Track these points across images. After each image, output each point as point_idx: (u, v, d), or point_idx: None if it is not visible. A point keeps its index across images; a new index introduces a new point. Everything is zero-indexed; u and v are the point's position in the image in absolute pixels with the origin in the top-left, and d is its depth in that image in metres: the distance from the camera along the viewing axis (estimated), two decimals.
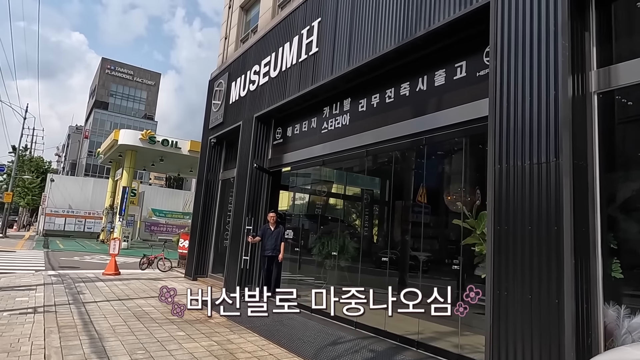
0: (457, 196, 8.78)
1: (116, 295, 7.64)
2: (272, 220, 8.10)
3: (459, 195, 8.75)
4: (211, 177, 11.06)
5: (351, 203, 11.85)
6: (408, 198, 9.11)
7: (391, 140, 5.68)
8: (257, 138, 8.77)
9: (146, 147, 23.57)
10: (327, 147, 6.94)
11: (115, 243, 10.91)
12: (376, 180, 11.52)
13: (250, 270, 8.51)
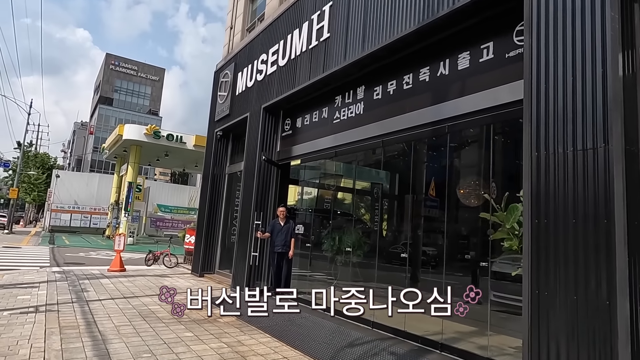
0: (470, 189, 8.44)
1: (121, 293, 7.39)
2: (282, 215, 7.79)
3: (472, 189, 8.42)
4: (217, 171, 10.77)
5: (361, 197, 11.53)
6: (420, 192, 8.80)
7: (410, 129, 5.34)
8: (265, 130, 8.45)
9: (151, 142, 23.33)
10: (340, 138, 6.60)
11: (120, 239, 10.67)
12: (386, 173, 11.19)
13: (260, 266, 8.23)
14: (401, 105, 5.55)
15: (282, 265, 7.77)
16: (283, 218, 7.81)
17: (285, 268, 7.75)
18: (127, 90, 75.61)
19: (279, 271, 7.78)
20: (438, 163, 9.28)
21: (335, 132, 6.78)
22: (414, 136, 5.37)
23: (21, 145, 29.85)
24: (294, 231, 7.78)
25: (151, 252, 12.32)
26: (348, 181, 10.74)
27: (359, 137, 6.18)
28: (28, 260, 13.08)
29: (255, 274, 8.17)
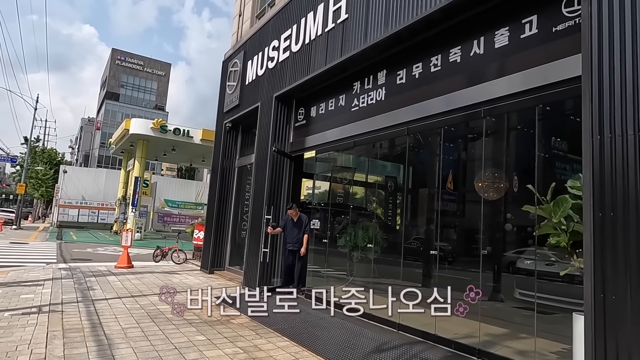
0: (489, 183, 7.99)
1: (128, 292, 7.05)
2: (294, 216, 7.39)
3: (492, 182, 7.96)
4: (227, 164, 10.38)
5: (375, 191, 11.13)
6: (435, 185, 8.38)
7: (439, 115, 4.89)
8: (277, 120, 8.03)
9: (158, 137, 23.03)
10: (359, 127, 6.17)
11: (127, 235, 10.36)
12: (401, 166, 10.76)
13: (273, 263, 7.85)
14: (429, 90, 5.10)
15: (295, 263, 7.39)
16: (295, 214, 7.41)
17: (298, 265, 7.37)
18: (133, 86, 75.47)
19: (289, 268, 7.41)
20: (455, 155, 8.86)
21: (354, 121, 6.35)
22: (444, 122, 4.92)
23: (28, 140, 29.70)
24: (307, 227, 7.39)
25: (159, 248, 12.02)
26: (361, 175, 10.34)
27: (381, 125, 5.75)
28: (35, 257, 12.85)
29: (268, 271, 7.80)
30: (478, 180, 7.99)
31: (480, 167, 7.97)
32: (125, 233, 10.41)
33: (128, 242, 10.32)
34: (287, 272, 7.42)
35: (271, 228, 7.53)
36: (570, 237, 3.75)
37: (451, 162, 8.62)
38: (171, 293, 4.43)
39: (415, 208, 9.31)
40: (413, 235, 8.99)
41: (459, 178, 8.67)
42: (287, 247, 7.41)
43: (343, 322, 5.35)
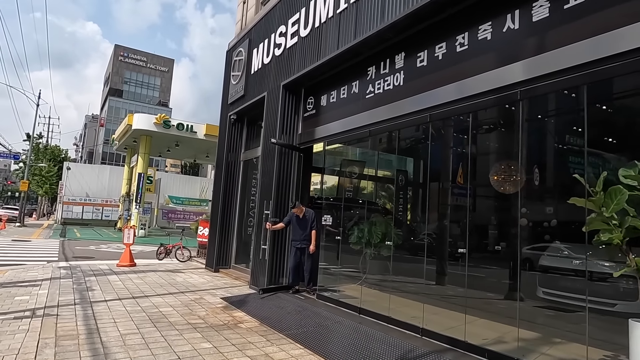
0: (506, 176, 7.57)
1: (130, 292, 6.66)
2: (299, 213, 6.95)
3: (508, 175, 7.52)
4: (232, 158, 9.96)
5: (385, 185, 10.71)
6: (447, 179, 7.99)
7: (467, 99, 4.42)
8: (285, 110, 7.58)
9: (161, 132, 22.70)
10: (375, 115, 5.71)
11: (129, 232, 9.97)
12: (411, 160, 10.30)
13: (280, 262, 7.43)
14: (454, 72, 4.63)
15: (303, 261, 6.98)
16: (301, 212, 6.98)
17: (307, 263, 6.95)
18: (136, 82, 75.16)
19: (297, 267, 7.00)
20: (467, 147, 8.40)
21: (369, 109, 5.88)
22: (473, 107, 4.44)
23: (30, 137, 29.45)
24: (314, 223, 6.96)
25: (163, 246, 11.67)
26: (372, 169, 9.90)
27: (399, 112, 5.28)
28: (36, 255, 12.53)
29: (277, 269, 7.38)
30: (493, 173, 7.55)
31: (495, 159, 7.55)
32: (127, 230, 10.03)
33: (130, 239, 9.94)
34: (295, 270, 7.02)
35: (270, 224, 7.11)
36: (626, 233, 3.31)
37: (463, 154, 8.21)
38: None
39: (430, 203, 8.88)
40: (427, 230, 8.57)
41: (472, 171, 8.26)
42: (295, 245, 7.00)
43: (361, 327, 4.93)
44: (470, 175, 7.82)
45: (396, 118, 5.33)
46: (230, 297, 6.68)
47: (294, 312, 5.62)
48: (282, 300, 6.39)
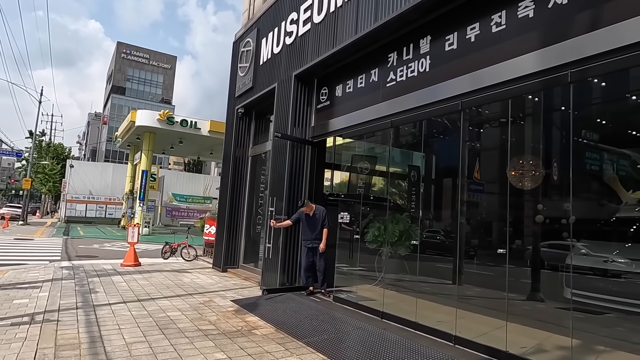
0: (524, 171, 7.18)
1: (135, 295, 6.30)
2: (309, 211, 6.56)
3: (527, 170, 7.14)
4: (239, 154, 9.57)
5: (399, 182, 10.32)
6: (462, 175, 7.64)
7: (506, 83, 4.00)
8: (297, 102, 7.18)
9: (164, 128, 22.33)
10: (397, 104, 5.30)
11: (133, 230, 9.62)
12: (423, 156, 9.90)
13: (294, 261, 7.05)
14: (490, 54, 4.21)
15: (315, 261, 6.59)
16: (310, 210, 6.59)
17: (320, 264, 6.57)
18: (139, 79, 74.86)
19: (309, 268, 6.62)
20: (482, 141, 8.03)
21: (390, 98, 5.47)
22: (514, 92, 4.01)
23: (33, 134, 29.16)
24: (325, 220, 6.57)
25: (168, 244, 11.32)
26: (386, 165, 9.51)
27: (425, 100, 4.87)
28: (38, 254, 12.22)
29: (290, 270, 7.00)
30: (511, 168, 7.17)
31: (513, 154, 7.17)
32: (131, 229, 9.67)
33: (134, 238, 9.59)
34: (308, 271, 6.64)
35: (274, 221, 6.73)
36: None
37: (477, 149, 7.85)
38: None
39: (447, 199, 8.50)
40: (446, 228, 8.19)
41: (488, 166, 7.91)
42: (306, 245, 6.62)
43: (385, 334, 4.54)
44: (486, 170, 7.47)
45: (422, 107, 4.92)
46: (241, 299, 6.31)
47: (311, 317, 5.23)
48: (297, 303, 6.00)
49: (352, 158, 10.21)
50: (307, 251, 6.61)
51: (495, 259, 7.02)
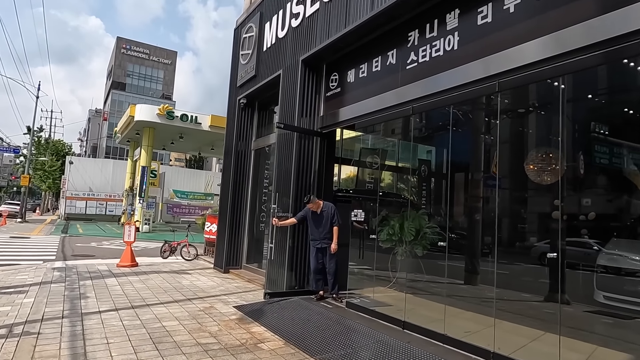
0: (543, 165, 6.62)
1: (129, 300, 5.75)
2: (315, 208, 6.01)
3: (546, 164, 6.57)
4: (242, 147, 9.00)
5: (410, 177, 9.74)
6: (478, 169, 7.07)
7: (554, 58, 3.41)
8: (304, 89, 6.59)
9: (164, 123, 21.79)
10: (420, 88, 4.71)
11: (130, 229, 9.07)
12: (433, 149, 9.32)
13: (302, 261, 6.50)
14: (534, 27, 3.61)
15: (325, 263, 6.04)
16: (317, 207, 6.03)
17: (331, 265, 6.01)
18: (139, 75, 74.18)
19: (318, 270, 6.06)
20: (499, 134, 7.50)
21: (411, 82, 4.89)
22: (566, 68, 3.41)
23: (31, 130, 28.63)
24: (334, 218, 6.01)
25: (167, 243, 10.79)
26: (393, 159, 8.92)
27: (455, 82, 4.28)
28: (33, 253, 11.71)
29: (298, 271, 6.44)
30: (529, 162, 6.64)
31: (531, 146, 6.65)
32: (127, 227, 9.13)
33: (131, 237, 9.04)
34: (317, 274, 6.07)
35: (277, 219, 6.17)
36: None
37: (495, 141, 7.32)
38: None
39: (465, 195, 7.91)
40: (465, 225, 7.62)
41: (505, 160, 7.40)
42: (315, 245, 6.05)
43: (411, 348, 3.98)
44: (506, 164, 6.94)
45: (450, 90, 4.33)
46: (245, 305, 5.75)
47: (323, 327, 4.68)
48: (306, 310, 5.45)
49: (360, 152, 9.64)
50: (316, 252, 6.06)
51: (525, 259, 6.48)
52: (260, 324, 4.85)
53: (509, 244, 6.94)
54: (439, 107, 4.76)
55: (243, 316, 5.20)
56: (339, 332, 4.49)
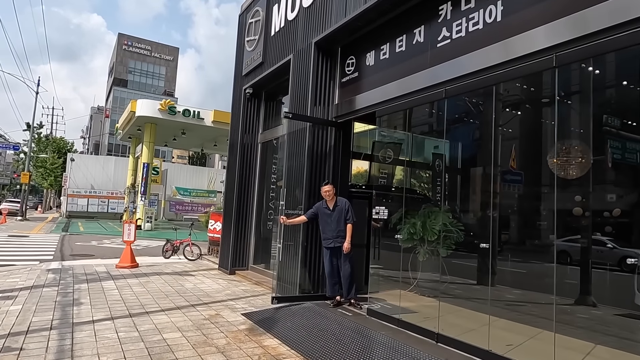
0: (569, 158, 6.07)
1: (126, 307, 5.22)
2: (330, 195, 5.45)
3: (572, 157, 6.03)
4: (248, 140, 8.44)
5: (425, 172, 9.18)
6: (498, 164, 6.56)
7: (631, 23, 2.82)
8: (317, 75, 6.02)
9: (166, 119, 21.26)
10: (454, 67, 4.13)
11: (129, 227, 8.54)
12: (445, 142, 8.75)
13: (316, 263, 5.95)
14: None
15: (339, 264, 5.48)
16: (332, 199, 5.47)
17: (345, 268, 5.46)
18: (141, 71, 73.64)
19: (333, 273, 5.50)
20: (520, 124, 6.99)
21: (442, 61, 4.31)
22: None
23: (30, 126, 28.17)
24: (349, 214, 5.45)
25: (169, 242, 10.27)
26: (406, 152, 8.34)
27: (498, 58, 3.70)
28: (30, 252, 11.22)
29: (312, 273, 5.89)
30: (551, 155, 6.09)
31: (554, 138, 6.14)
32: (127, 225, 8.60)
33: (131, 236, 8.51)
34: (332, 277, 5.50)
35: (284, 218, 5.60)
36: None
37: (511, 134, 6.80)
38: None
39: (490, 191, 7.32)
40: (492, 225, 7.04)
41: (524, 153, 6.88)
42: (327, 246, 5.48)
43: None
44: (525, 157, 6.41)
45: (492, 68, 3.75)
46: (255, 312, 5.21)
47: (344, 339, 4.13)
48: (323, 318, 4.90)
49: (373, 145, 9.08)
50: (329, 253, 5.49)
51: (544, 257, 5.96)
52: (272, 335, 4.31)
53: (523, 242, 6.46)
54: (478, 88, 4.16)
55: (253, 326, 4.65)
56: (364, 347, 3.94)
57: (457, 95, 4.25)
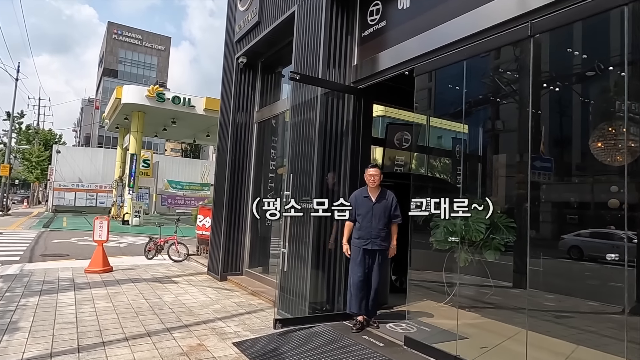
0: (615, 142, 4.98)
1: (77, 333, 3.85)
2: (375, 182, 4.10)
3: (616, 141, 4.96)
4: (241, 120, 7.05)
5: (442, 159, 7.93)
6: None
7: None
8: (330, 28, 4.63)
9: (155, 107, 19.79)
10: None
11: (100, 225, 7.16)
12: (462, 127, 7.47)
13: (333, 269, 4.61)
14: None
15: (373, 274, 4.15)
16: (376, 187, 4.14)
17: (375, 279, 4.13)
18: (132, 62, 71.39)
19: (361, 284, 4.13)
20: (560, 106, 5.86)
21: None
22: None
23: (10, 115, 26.49)
24: (397, 210, 4.14)
25: (152, 241, 8.94)
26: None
27: None
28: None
29: (326, 284, 4.55)
30: (595, 139, 4.97)
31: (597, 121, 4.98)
32: (98, 222, 7.22)
33: (103, 235, 7.14)
34: (360, 290, 4.13)
35: (347, 246, 4.22)
36: None
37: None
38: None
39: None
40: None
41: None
42: (362, 245, 4.10)
43: None
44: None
45: None
46: (250, 340, 3.87)
47: None
48: (345, 352, 3.57)
49: (387, 128, 7.76)
50: (361, 256, 4.10)
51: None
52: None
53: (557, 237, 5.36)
54: (582, 18, 2.80)
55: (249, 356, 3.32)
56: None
57: (551, 29, 2.87)
